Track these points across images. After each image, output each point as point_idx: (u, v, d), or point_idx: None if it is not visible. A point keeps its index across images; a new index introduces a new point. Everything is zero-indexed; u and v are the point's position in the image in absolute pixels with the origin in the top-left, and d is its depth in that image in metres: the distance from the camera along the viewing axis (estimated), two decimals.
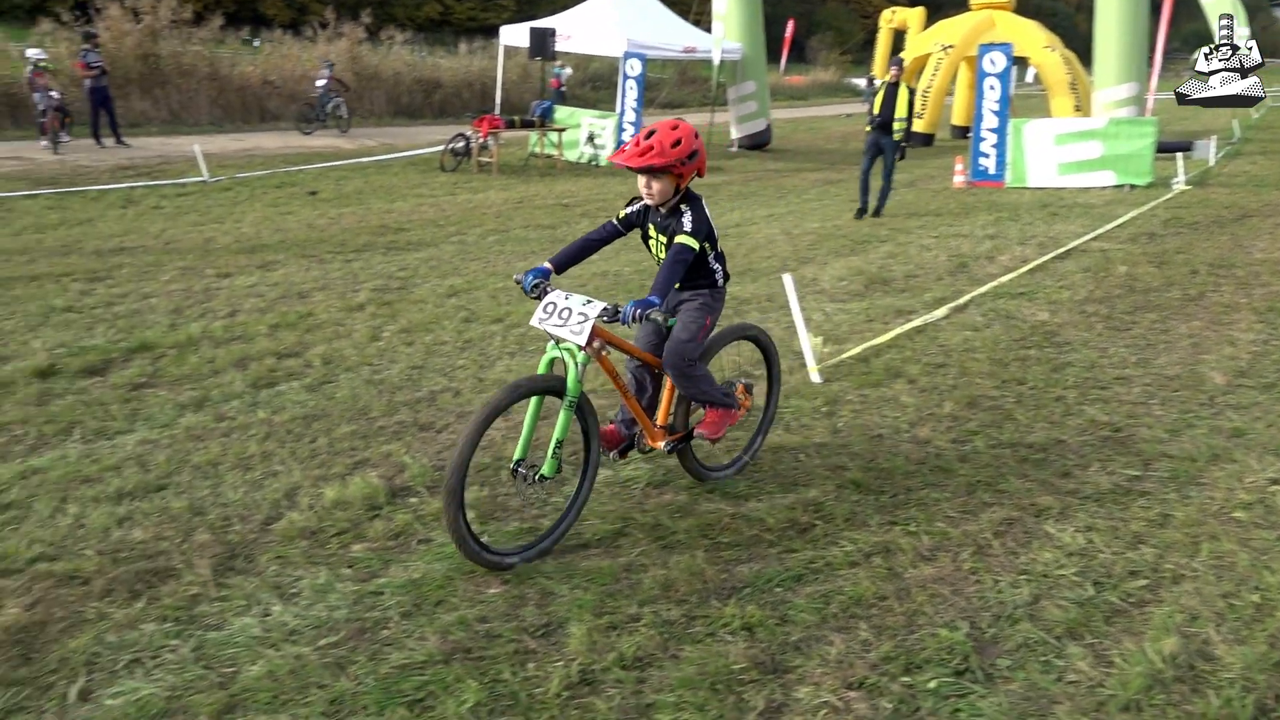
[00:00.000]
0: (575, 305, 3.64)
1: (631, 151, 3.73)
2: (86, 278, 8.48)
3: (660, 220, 3.94)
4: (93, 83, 16.71)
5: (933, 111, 23.61)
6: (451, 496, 3.42)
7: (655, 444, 4.16)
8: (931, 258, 9.84)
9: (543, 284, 3.81)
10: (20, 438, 4.97)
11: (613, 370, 3.90)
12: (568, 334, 3.62)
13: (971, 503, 4.23)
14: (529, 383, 3.67)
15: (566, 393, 3.68)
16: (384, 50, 25.10)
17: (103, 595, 3.46)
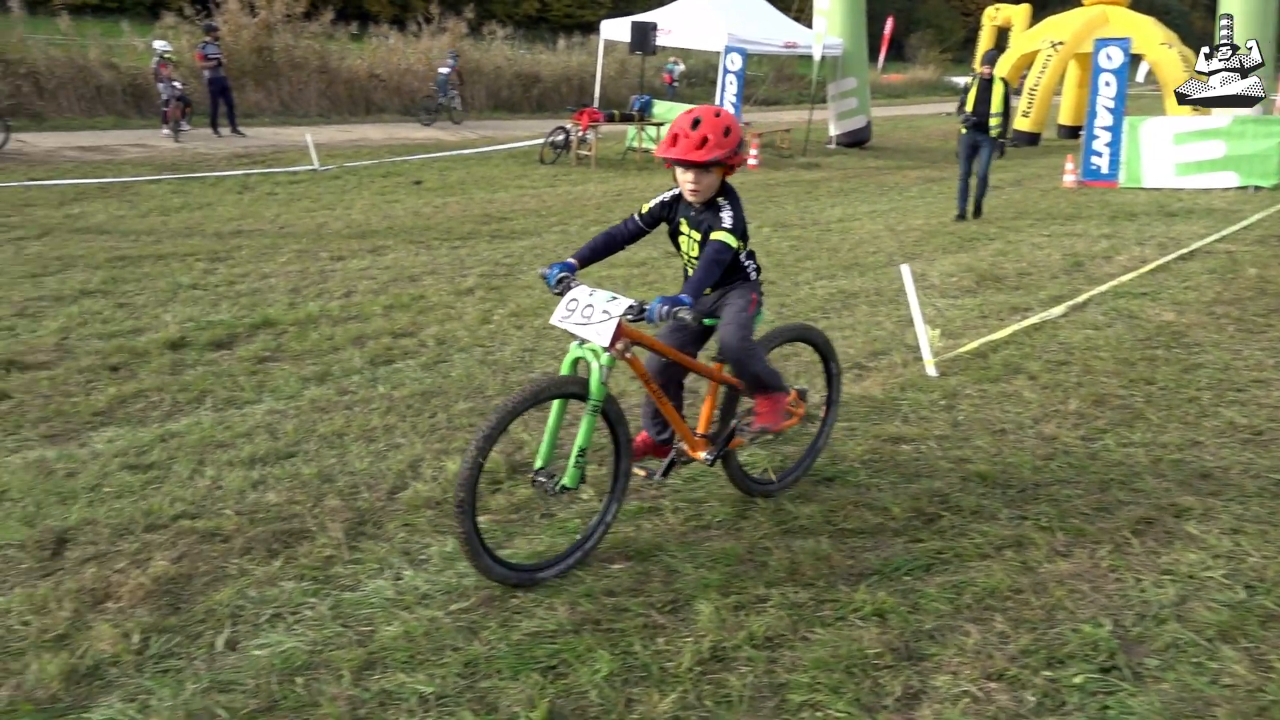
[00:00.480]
0: (599, 302, 3.36)
1: (687, 144, 3.44)
2: (209, 258, 8.79)
3: (694, 215, 3.65)
4: (211, 74, 17.35)
5: (1040, 110, 22.94)
6: (460, 509, 3.16)
7: (696, 455, 3.81)
8: (1044, 256, 9.55)
9: (568, 279, 3.53)
10: (157, 404, 5.18)
11: (644, 373, 3.61)
12: (590, 333, 3.33)
13: (1106, 500, 4.08)
14: (549, 384, 3.38)
15: (589, 396, 3.40)
16: (485, 45, 25.50)
17: (243, 553, 3.58)
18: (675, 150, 3.47)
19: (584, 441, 3.43)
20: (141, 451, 4.51)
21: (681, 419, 3.77)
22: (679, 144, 3.47)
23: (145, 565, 3.47)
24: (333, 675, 2.86)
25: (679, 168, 3.52)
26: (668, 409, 3.69)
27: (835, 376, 4.36)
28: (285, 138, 18.07)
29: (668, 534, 3.78)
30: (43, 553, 3.57)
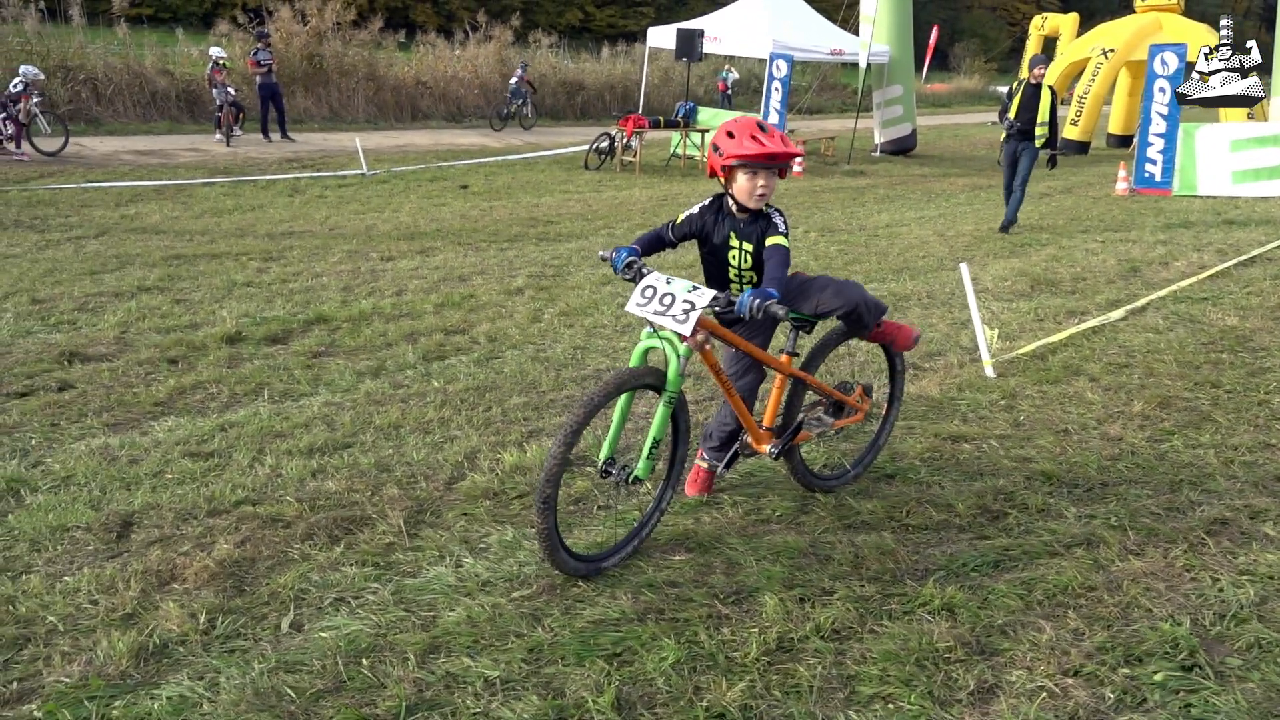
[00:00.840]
0: (679, 291, 3.28)
1: (770, 142, 3.38)
2: (262, 257, 8.90)
3: (743, 227, 3.58)
4: (262, 79, 17.63)
5: (1089, 119, 22.63)
6: (545, 505, 3.12)
7: (760, 448, 3.74)
8: (1099, 261, 9.39)
9: (637, 263, 3.47)
10: (215, 395, 5.24)
11: (716, 365, 3.52)
12: (670, 322, 3.25)
13: (1177, 500, 3.98)
14: (629, 376, 3.31)
15: (666, 387, 3.35)
16: (530, 53, 25.66)
17: (305, 538, 3.59)
18: (753, 145, 3.38)
19: (659, 433, 3.39)
20: (202, 440, 4.55)
21: (749, 412, 3.72)
22: (764, 141, 3.39)
23: (209, 548, 3.49)
24: (398, 658, 2.86)
25: (753, 171, 3.44)
26: (736, 401, 3.64)
27: (900, 372, 4.29)
28: (334, 143, 18.30)
29: (728, 527, 3.74)
30: (109, 535, 3.61)
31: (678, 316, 3.24)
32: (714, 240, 3.65)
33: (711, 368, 3.52)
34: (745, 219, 3.59)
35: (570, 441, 3.15)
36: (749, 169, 3.45)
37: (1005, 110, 11.39)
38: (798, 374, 3.79)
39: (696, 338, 3.30)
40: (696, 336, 3.29)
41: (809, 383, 3.84)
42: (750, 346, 3.64)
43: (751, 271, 3.65)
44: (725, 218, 3.62)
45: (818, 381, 3.88)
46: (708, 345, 3.39)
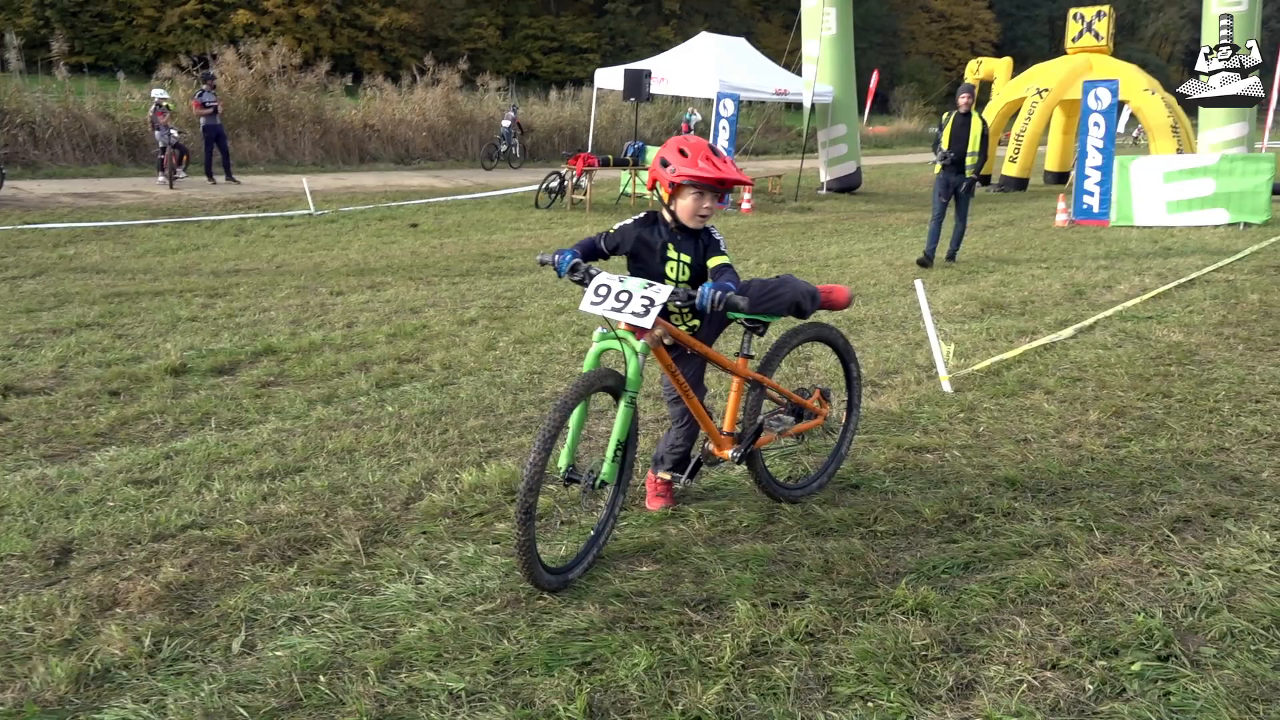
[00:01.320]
0: (635, 288, 3.25)
1: (724, 167, 3.41)
2: (207, 294, 8.71)
3: (680, 240, 3.57)
4: (207, 121, 17.43)
5: (1027, 156, 23.23)
6: (526, 515, 3.06)
7: (722, 453, 3.70)
8: (1045, 286, 9.56)
9: (582, 265, 3.43)
10: (159, 425, 5.05)
11: (672, 365, 3.48)
12: (629, 318, 3.21)
13: (1140, 501, 4.00)
14: (594, 377, 3.25)
15: (627, 387, 3.30)
16: (478, 97, 25.76)
17: (255, 560, 3.45)
18: (717, 170, 3.40)
19: (622, 434, 3.34)
20: (145, 468, 4.38)
21: (708, 416, 3.67)
22: (719, 165, 3.41)
23: (154, 572, 3.33)
24: (357, 674, 2.73)
25: (701, 193, 3.45)
26: (694, 404, 3.60)
27: (855, 380, 4.28)
28: (280, 184, 18.11)
29: (694, 538, 3.67)
30: (46, 562, 3.43)
31: (637, 311, 3.20)
32: (650, 251, 3.61)
33: (667, 368, 3.49)
34: (682, 234, 3.59)
35: (548, 446, 3.07)
36: (697, 190, 3.46)
37: (937, 142, 11.24)
38: (755, 376, 3.77)
39: (655, 332, 3.26)
40: (655, 331, 3.26)
41: (766, 385, 3.81)
42: (706, 349, 3.62)
43: (687, 284, 3.60)
44: (662, 230, 3.61)
45: (775, 384, 3.85)
46: (665, 341, 3.36)
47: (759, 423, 3.77)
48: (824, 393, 4.13)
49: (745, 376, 3.75)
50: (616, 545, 3.56)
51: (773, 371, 3.88)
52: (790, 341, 3.97)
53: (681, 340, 3.50)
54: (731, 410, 3.77)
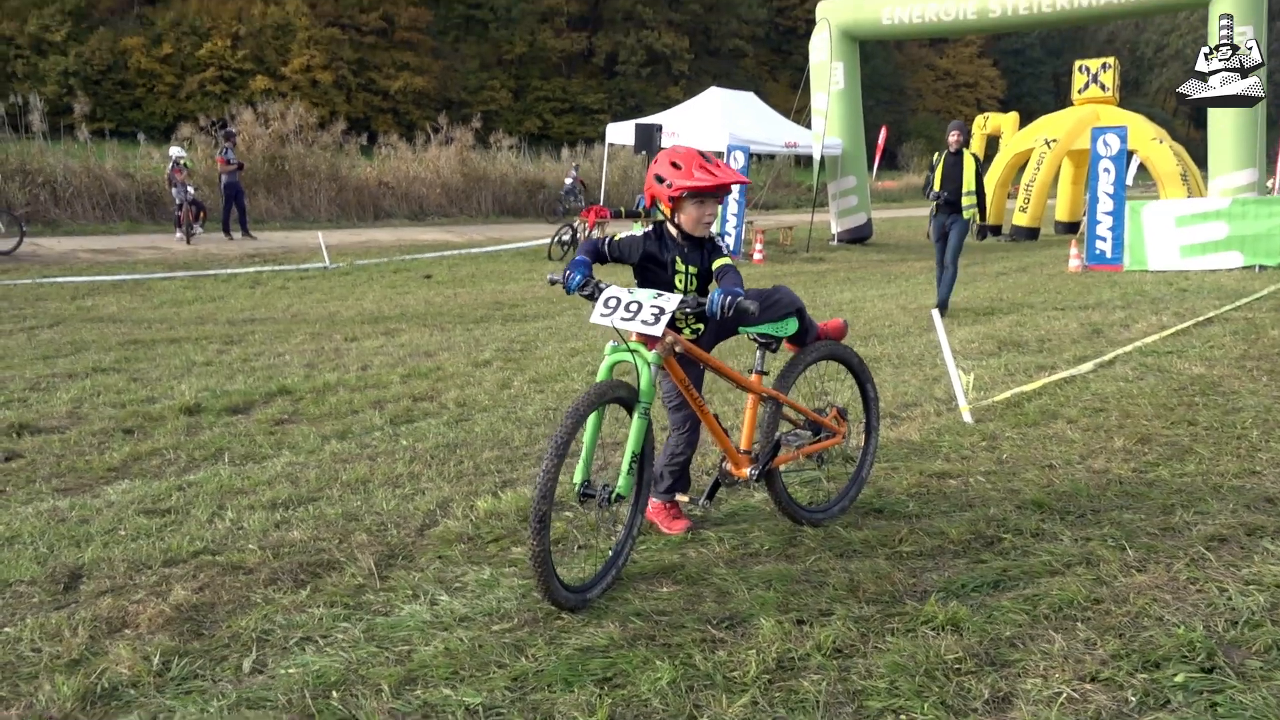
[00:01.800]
0: (644, 298, 3.25)
1: (719, 172, 3.46)
2: (222, 340, 8.73)
3: (686, 251, 3.60)
4: (229, 178, 17.70)
5: (1037, 206, 23.30)
6: (541, 523, 2.99)
7: (740, 471, 3.64)
8: (1061, 325, 9.50)
9: (592, 281, 3.43)
10: (172, 460, 5.02)
11: (684, 378, 3.46)
12: (639, 326, 3.19)
13: (1172, 521, 3.89)
14: (605, 388, 3.22)
15: (639, 399, 3.26)
16: (491, 155, 26.11)
17: (268, 583, 3.38)
18: (713, 177, 3.42)
19: (637, 446, 3.29)
20: (158, 499, 4.33)
21: (724, 432, 3.61)
22: (715, 172, 3.45)
23: (165, 595, 3.27)
24: (371, 690, 2.64)
25: (701, 200, 3.48)
26: (709, 419, 3.56)
27: (873, 400, 4.22)
28: (296, 240, 18.30)
29: (715, 560, 3.58)
30: (55, 587, 3.38)
31: (647, 320, 3.20)
32: (658, 263, 3.63)
33: (679, 381, 3.47)
34: (688, 245, 3.61)
35: (561, 453, 3.05)
36: (698, 198, 3.50)
37: (929, 183, 10.67)
38: (770, 392, 3.73)
39: (666, 341, 3.26)
40: (666, 340, 3.25)
41: (782, 401, 3.76)
42: (719, 364, 3.61)
43: (695, 293, 3.63)
44: (669, 244, 3.63)
45: (791, 400, 3.81)
46: (677, 349, 3.35)
47: (776, 439, 3.71)
48: (841, 411, 4.08)
49: (760, 393, 3.70)
50: (635, 567, 3.48)
51: (788, 389, 3.83)
52: (805, 359, 3.92)
53: (692, 354, 3.48)
54: (748, 427, 3.72)
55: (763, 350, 3.77)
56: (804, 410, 3.90)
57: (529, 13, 57.57)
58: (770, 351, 3.76)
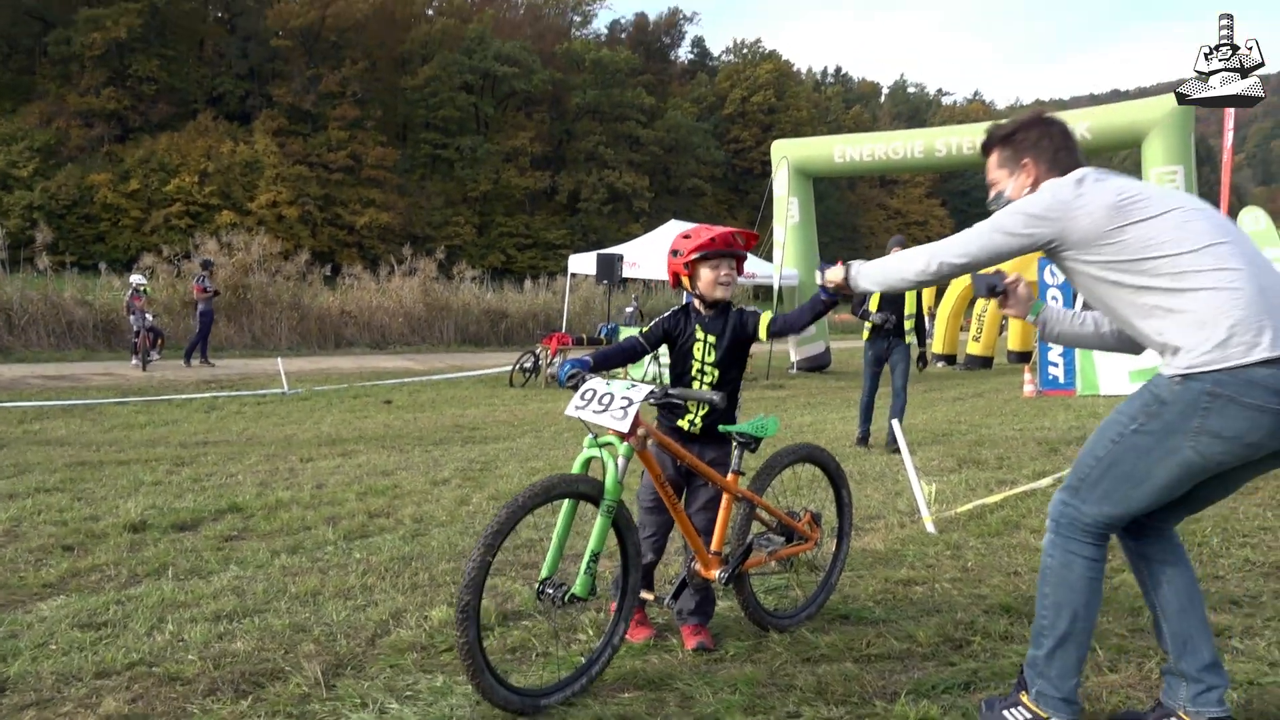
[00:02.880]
0: (618, 390, 3.24)
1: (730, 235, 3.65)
2: (173, 461, 8.53)
3: (708, 320, 3.73)
4: (205, 305, 17.72)
5: (989, 335, 23.91)
6: (465, 614, 2.88)
7: (709, 573, 3.53)
8: (1019, 444, 9.59)
9: (580, 373, 3.44)
10: (112, 576, 4.81)
11: (660, 475, 3.41)
12: (608, 420, 3.17)
13: (1139, 622, 3.84)
14: (560, 481, 3.15)
15: (604, 495, 3.19)
16: (454, 286, 26.42)
17: (206, 694, 3.20)
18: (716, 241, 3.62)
19: (597, 545, 3.19)
20: (94, 613, 4.12)
21: (696, 533, 3.54)
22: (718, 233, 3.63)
23: (94, 707, 3.07)
24: None
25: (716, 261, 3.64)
26: (682, 518, 3.50)
27: (847, 505, 4.19)
28: (255, 367, 18.18)
29: (679, 666, 3.46)
30: None
31: (615, 414, 3.15)
32: (682, 340, 3.73)
33: (655, 478, 3.39)
34: (711, 314, 3.72)
35: (492, 544, 2.95)
36: (711, 260, 3.63)
37: (862, 301, 9.36)
38: (745, 493, 3.66)
39: (638, 433, 3.21)
40: (638, 432, 3.21)
41: (756, 503, 3.70)
42: (696, 461, 3.54)
43: (714, 366, 3.70)
44: (693, 316, 3.75)
45: (765, 503, 3.75)
46: (648, 445, 3.30)
47: (748, 542, 3.64)
48: (815, 516, 4.03)
49: (736, 494, 3.65)
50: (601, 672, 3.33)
51: (763, 490, 3.79)
52: (782, 460, 3.91)
53: (669, 448, 3.45)
54: (720, 528, 3.63)
55: (741, 449, 3.72)
56: (778, 514, 3.84)
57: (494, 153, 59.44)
58: (750, 451, 3.72)
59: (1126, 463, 2.68)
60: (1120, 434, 2.72)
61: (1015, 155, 2.96)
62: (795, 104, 75.64)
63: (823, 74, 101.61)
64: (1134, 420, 2.69)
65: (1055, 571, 2.80)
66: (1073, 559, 2.78)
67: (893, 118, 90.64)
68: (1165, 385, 2.62)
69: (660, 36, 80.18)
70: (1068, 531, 2.81)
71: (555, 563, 3.21)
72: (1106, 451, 2.74)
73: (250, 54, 55.48)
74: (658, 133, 66.52)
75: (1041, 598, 2.84)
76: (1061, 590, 2.79)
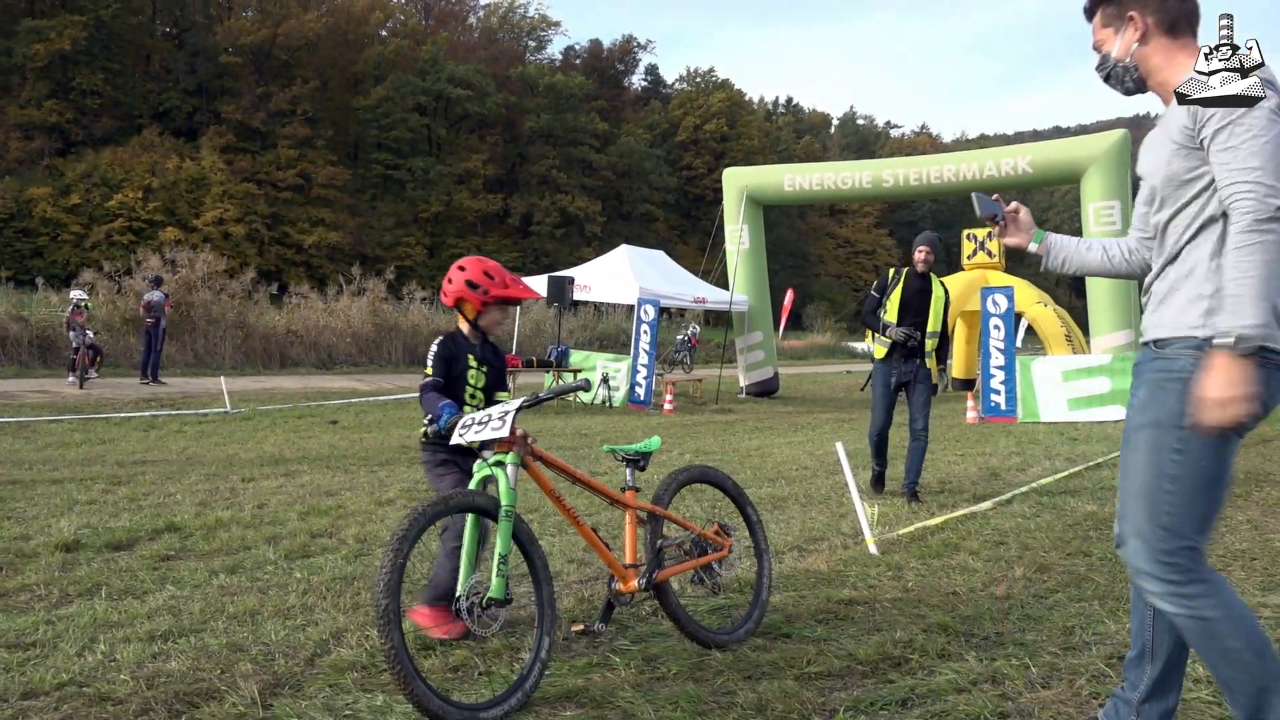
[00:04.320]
0: (493, 411, 3.41)
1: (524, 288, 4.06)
2: (109, 480, 8.34)
3: (479, 350, 4.09)
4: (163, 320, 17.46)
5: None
6: (385, 619, 2.90)
7: (629, 586, 3.61)
8: (961, 469, 9.76)
9: (457, 417, 3.57)
10: (43, 596, 4.69)
11: (551, 487, 3.54)
12: (490, 432, 3.30)
13: (1073, 641, 3.93)
14: (459, 494, 3.31)
15: (501, 501, 3.30)
16: (404, 307, 26.21)
17: (139, 714, 3.13)
18: (524, 291, 4.02)
19: (504, 548, 3.29)
20: (22, 633, 4.02)
21: (606, 547, 3.66)
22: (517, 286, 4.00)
23: None
24: None
25: (505, 309, 4.09)
26: (586, 531, 3.62)
27: (756, 524, 4.33)
28: (197, 386, 17.85)
29: (620, 684, 3.46)
30: None
31: (495, 425, 3.31)
32: (458, 367, 4.03)
33: (546, 490, 3.54)
34: (481, 345, 4.10)
35: (400, 548, 3.04)
36: (504, 307, 4.08)
37: (875, 310, 7.51)
38: (647, 507, 3.84)
39: (518, 434, 3.37)
40: (518, 433, 3.37)
41: (661, 515, 3.84)
42: (590, 479, 3.72)
43: (482, 392, 4.09)
44: (463, 344, 4.07)
45: (670, 513, 3.90)
46: (533, 445, 3.47)
47: (659, 547, 3.76)
48: (722, 526, 4.15)
49: (635, 507, 3.81)
50: (537, 693, 3.33)
51: (667, 504, 3.93)
52: (677, 478, 4.05)
53: (553, 464, 3.60)
54: (630, 540, 3.77)
55: (631, 467, 3.93)
56: (683, 523, 3.98)
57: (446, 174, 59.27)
58: (639, 470, 3.94)
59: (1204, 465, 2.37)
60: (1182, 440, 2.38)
61: (1120, 9, 2.66)
62: (747, 133, 76.62)
63: (774, 104, 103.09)
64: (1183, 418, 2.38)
65: (1229, 619, 2.37)
66: (1230, 597, 2.41)
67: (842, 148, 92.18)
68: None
69: (614, 63, 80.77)
70: (1195, 575, 2.40)
71: (466, 579, 3.29)
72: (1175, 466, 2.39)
73: (198, 70, 54.77)
74: (611, 158, 66.88)
75: (1231, 661, 2.39)
76: (1247, 632, 2.37)
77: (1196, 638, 2.41)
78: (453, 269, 4.06)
